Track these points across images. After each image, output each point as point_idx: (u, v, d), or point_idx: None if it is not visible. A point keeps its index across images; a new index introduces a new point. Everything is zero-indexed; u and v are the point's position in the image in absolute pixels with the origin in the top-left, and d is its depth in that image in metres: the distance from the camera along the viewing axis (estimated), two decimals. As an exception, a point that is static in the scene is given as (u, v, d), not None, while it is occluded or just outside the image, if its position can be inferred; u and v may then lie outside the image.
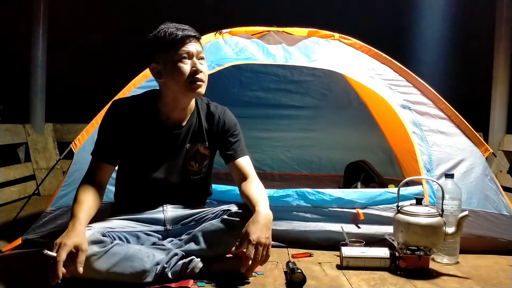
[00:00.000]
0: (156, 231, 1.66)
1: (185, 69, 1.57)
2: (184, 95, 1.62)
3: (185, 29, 1.59)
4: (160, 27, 1.61)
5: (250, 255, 1.43)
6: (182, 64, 1.57)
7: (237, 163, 1.71)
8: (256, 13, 4.18)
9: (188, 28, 1.61)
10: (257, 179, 1.69)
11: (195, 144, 1.71)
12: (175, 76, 1.58)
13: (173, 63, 1.57)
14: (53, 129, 3.75)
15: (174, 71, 1.57)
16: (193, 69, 1.58)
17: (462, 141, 2.21)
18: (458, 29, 4.37)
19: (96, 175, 1.59)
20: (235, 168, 1.72)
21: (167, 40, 1.57)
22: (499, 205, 2.11)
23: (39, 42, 3.56)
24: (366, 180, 2.88)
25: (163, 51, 1.58)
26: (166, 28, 1.59)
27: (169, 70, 1.58)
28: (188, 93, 1.60)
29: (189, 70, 1.57)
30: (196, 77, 1.58)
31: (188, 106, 1.67)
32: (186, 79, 1.57)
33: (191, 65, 1.58)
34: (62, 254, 1.28)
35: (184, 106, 1.66)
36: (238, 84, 3.44)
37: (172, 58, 1.57)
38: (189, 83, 1.58)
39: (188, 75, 1.57)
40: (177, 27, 1.60)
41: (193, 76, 1.58)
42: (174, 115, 1.67)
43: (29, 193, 3.17)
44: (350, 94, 3.30)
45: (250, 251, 1.44)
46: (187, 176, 1.72)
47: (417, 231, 1.70)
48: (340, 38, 2.43)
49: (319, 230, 2.06)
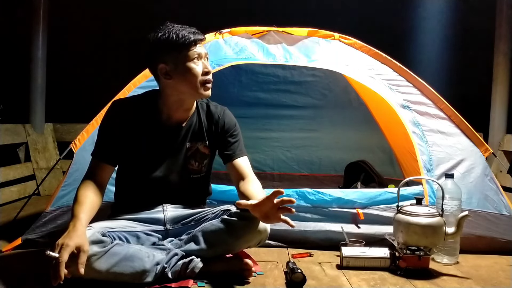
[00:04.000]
0: (156, 231, 1.66)
1: (197, 70, 1.59)
2: (193, 96, 1.64)
3: (195, 32, 1.61)
4: (165, 28, 1.60)
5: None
6: (194, 65, 1.59)
7: (236, 163, 1.71)
8: (256, 13, 4.19)
9: (195, 30, 1.62)
10: (255, 179, 1.69)
11: (195, 143, 1.71)
12: (187, 77, 1.59)
13: (184, 64, 1.58)
14: (53, 129, 3.75)
15: (186, 72, 1.58)
16: (205, 70, 1.60)
17: (462, 141, 2.21)
18: (458, 29, 4.37)
19: (96, 175, 1.59)
20: (233, 168, 1.72)
21: (179, 41, 1.57)
22: (499, 205, 2.11)
23: (39, 42, 3.55)
24: (366, 180, 2.88)
25: (174, 51, 1.58)
26: (175, 29, 1.59)
27: (180, 71, 1.59)
28: (199, 93, 1.61)
29: (201, 71, 1.60)
30: (209, 78, 1.61)
31: (189, 106, 1.68)
32: (198, 80, 1.59)
33: (202, 66, 1.60)
34: (64, 255, 1.28)
35: (188, 106, 1.68)
36: (238, 84, 3.43)
37: (184, 59, 1.58)
38: (202, 83, 1.60)
39: (201, 75, 1.59)
40: (186, 28, 1.60)
41: (205, 76, 1.60)
42: (177, 115, 1.67)
43: (29, 193, 3.17)
44: (350, 94, 3.30)
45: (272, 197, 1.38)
46: (187, 175, 1.72)
47: (417, 231, 1.70)
48: (340, 38, 2.43)
49: (319, 230, 2.06)
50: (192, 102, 1.68)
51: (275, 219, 1.41)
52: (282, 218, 1.39)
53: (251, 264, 1.62)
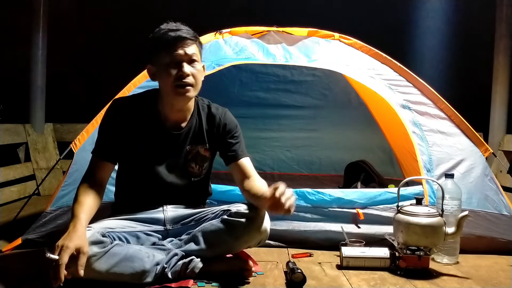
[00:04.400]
0: (156, 231, 1.65)
1: (171, 73, 1.56)
2: (173, 98, 1.61)
3: (178, 30, 1.57)
4: (156, 29, 1.60)
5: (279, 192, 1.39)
6: (170, 67, 1.56)
7: (239, 164, 1.71)
8: (256, 13, 4.19)
9: (183, 29, 1.59)
10: (260, 178, 1.69)
11: (195, 146, 1.70)
12: (163, 79, 1.59)
13: (163, 65, 1.57)
14: (53, 129, 3.75)
15: (163, 74, 1.58)
16: (178, 74, 1.56)
17: (462, 141, 2.21)
18: (458, 29, 4.37)
19: (96, 174, 1.59)
20: (236, 169, 1.71)
21: (160, 42, 1.57)
22: (499, 205, 2.11)
23: (39, 42, 3.55)
24: (366, 180, 2.88)
25: (156, 53, 1.59)
26: (161, 29, 1.59)
27: (160, 72, 1.59)
28: (175, 96, 1.59)
29: (174, 74, 1.56)
30: (182, 82, 1.57)
31: (184, 107, 1.66)
32: (172, 82, 1.57)
33: (177, 69, 1.56)
34: (64, 257, 1.28)
35: (179, 107, 1.65)
36: (238, 84, 3.43)
37: (163, 60, 1.57)
38: (175, 86, 1.57)
39: (173, 79, 1.56)
40: (171, 28, 1.58)
41: (179, 80, 1.56)
42: (172, 116, 1.67)
43: (29, 193, 3.17)
44: (350, 94, 3.29)
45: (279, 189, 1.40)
46: (187, 178, 1.71)
47: (417, 231, 1.70)
48: (340, 38, 2.43)
49: (319, 230, 2.06)
50: (179, 104, 1.63)
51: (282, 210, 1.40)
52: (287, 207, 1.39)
53: (251, 264, 1.63)
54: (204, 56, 2.25)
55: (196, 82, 1.60)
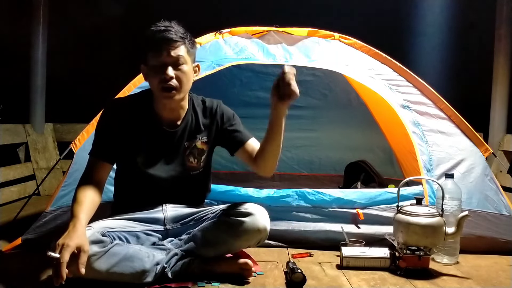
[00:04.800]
0: (156, 231, 1.65)
1: (157, 75, 1.56)
2: (159, 99, 1.62)
3: (166, 31, 1.56)
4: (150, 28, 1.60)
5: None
6: (155, 70, 1.57)
7: (248, 146, 1.71)
8: (256, 13, 4.18)
9: (171, 30, 1.57)
10: None
11: (193, 141, 1.70)
12: (151, 81, 1.59)
13: (151, 67, 1.58)
14: (53, 129, 3.75)
15: (150, 75, 1.59)
16: (162, 77, 1.56)
17: (462, 141, 2.21)
18: (458, 29, 4.37)
19: (95, 174, 1.59)
20: (246, 151, 1.71)
21: (147, 43, 1.58)
22: (499, 205, 2.11)
23: (39, 42, 3.56)
24: (366, 180, 2.88)
25: (146, 53, 1.59)
26: (151, 30, 1.59)
27: (149, 74, 1.60)
28: (161, 98, 1.60)
29: (159, 76, 1.56)
30: (166, 85, 1.56)
31: (176, 106, 1.65)
32: (158, 84, 1.57)
33: (163, 71, 1.55)
34: (65, 255, 1.28)
35: (170, 107, 1.64)
36: (238, 84, 3.44)
37: (150, 62, 1.58)
38: (160, 89, 1.57)
39: (158, 81, 1.56)
40: (159, 29, 1.57)
41: (163, 82, 1.56)
42: (166, 115, 1.66)
43: (29, 193, 3.17)
44: (350, 94, 3.30)
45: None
46: (186, 173, 1.71)
47: (417, 231, 1.70)
48: (340, 38, 2.44)
49: (319, 230, 2.06)
50: (171, 103, 1.62)
51: (291, 94, 1.49)
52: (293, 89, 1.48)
53: (251, 264, 1.62)
54: (204, 56, 2.27)
55: (181, 84, 1.58)
